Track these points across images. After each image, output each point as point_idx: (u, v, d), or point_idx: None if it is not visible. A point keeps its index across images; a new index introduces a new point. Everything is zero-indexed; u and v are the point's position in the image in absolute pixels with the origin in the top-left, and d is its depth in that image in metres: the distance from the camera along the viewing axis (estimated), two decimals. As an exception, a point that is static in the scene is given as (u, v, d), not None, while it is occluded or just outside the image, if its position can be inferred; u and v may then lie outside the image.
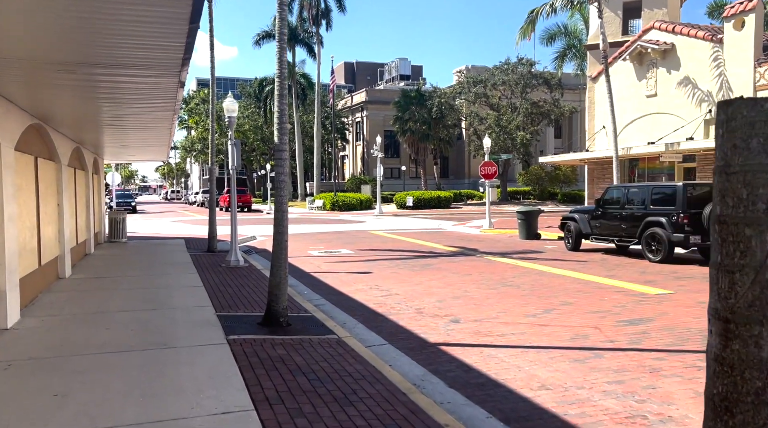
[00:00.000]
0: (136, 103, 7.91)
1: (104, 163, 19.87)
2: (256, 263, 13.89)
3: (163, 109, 8.18)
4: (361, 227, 27.26)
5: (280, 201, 7.45)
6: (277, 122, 7.31)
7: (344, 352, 6.29)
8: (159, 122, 9.63)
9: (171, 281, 10.72)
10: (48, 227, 9.94)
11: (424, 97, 51.19)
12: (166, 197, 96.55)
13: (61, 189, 10.87)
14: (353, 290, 10.59)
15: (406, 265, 13.75)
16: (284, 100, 7.33)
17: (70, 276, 11.19)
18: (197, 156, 78.63)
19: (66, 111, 8.34)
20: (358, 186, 54.96)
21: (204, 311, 8.09)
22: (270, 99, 59.93)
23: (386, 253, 16.37)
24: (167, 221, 33.57)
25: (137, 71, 5.64)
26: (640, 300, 9.23)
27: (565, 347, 6.76)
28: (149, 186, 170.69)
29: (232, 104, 13.06)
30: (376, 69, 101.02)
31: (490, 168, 23.53)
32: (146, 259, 14.31)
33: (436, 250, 16.93)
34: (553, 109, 48.87)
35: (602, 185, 24.85)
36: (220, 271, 12.37)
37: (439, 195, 44.68)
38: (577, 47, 30.69)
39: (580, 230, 16.03)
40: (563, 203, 48.01)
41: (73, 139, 12.00)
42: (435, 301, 9.47)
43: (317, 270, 13.23)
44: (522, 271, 12.53)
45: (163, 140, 13.33)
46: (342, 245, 18.72)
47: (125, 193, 50.68)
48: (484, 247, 17.43)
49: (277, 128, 7.32)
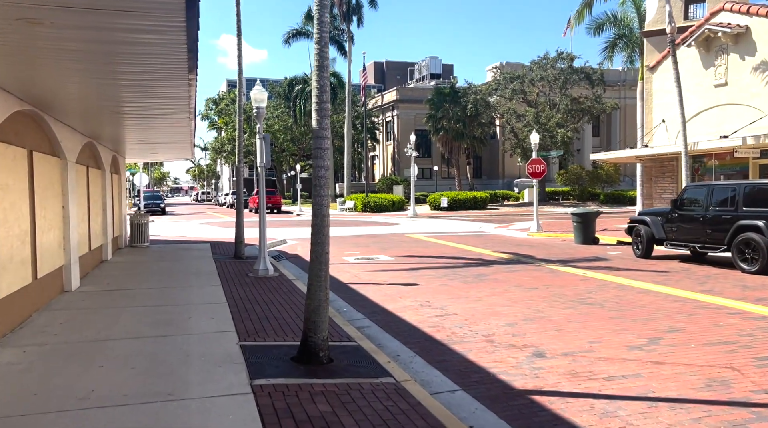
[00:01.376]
0: (141, 80, 6.42)
1: (126, 162, 18.66)
2: (286, 272, 12.37)
3: (174, 90, 6.67)
4: (396, 229, 25.63)
5: (319, 203, 5.85)
6: (317, 101, 5.71)
7: (408, 407, 4.65)
8: (173, 109, 8.15)
9: (191, 296, 9.25)
10: (48, 234, 8.56)
11: (458, 95, 49.22)
12: (196, 199, 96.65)
13: (66, 189, 9.50)
14: (401, 308, 8.95)
15: (456, 275, 12.05)
16: (325, 73, 5.73)
17: (78, 289, 9.81)
18: (227, 157, 78.27)
19: (61, 92, 6.91)
20: (390, 187, 53.35)
21: (225, 339, 6.54)
22: (300, 98, 58.88)
23: (430, 260, 14.68)
24: (195, 223, 32.50)
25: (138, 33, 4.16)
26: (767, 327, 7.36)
27: (705, 400, 4.98)
28: (181, 188, 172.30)
29: (260, 93, 11.56)
30: (405, 68, 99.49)
31: (539, 166, 21.62)
32: (167, 267, 12.92)
33: (486, 257, 15.16)
34: (594, 105, 46.46)
35: (661, 184, 22.69)
36: (247, 282, 10.88)
37: (474, 196, 42.73)
38: (628, 37, 28.45)
39: (653, 234, 14.07)
40: (606, 204, 45.61)
41: (82, 132, 10.65)
42: (504, 324, 7.75)
43: (355, 280, 11.64)
44: (597, 284, 10.70)
45: (183, 135, 11.91)
46: (379, 250, 17.11)
47: (154, 194, 49.97)
48: (539, 253, 15.59)
49: (317, 110, 5.73)
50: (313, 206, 5.89)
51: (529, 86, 46.53)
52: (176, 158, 18.96)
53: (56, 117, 8.66)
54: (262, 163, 11.60)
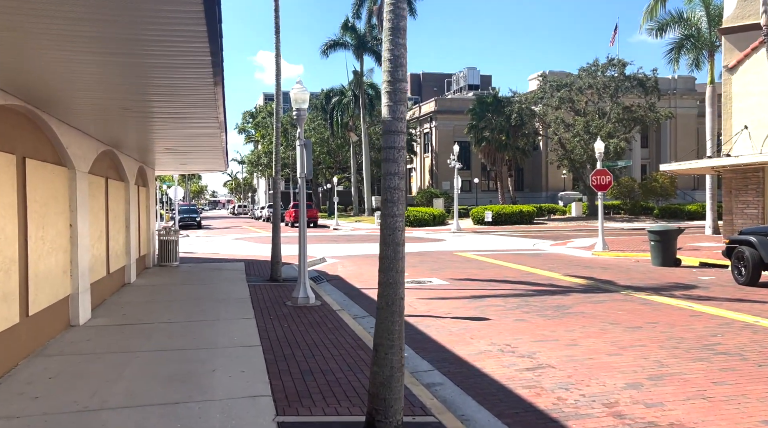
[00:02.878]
0: (161, 77, 4.84)
1: (156, 173, 17.37)
2: (329, 299, 10.67)
3: (200, 88, 5.07)
4: (442, 246, 23.73)
5: (391, 225, 4.09)
6: (389, 80, 3.99)
7: None
8: (197, 104, 6.56)
9: (218, 335, 7.60)
10: (48, 259, 7.05)
11: (502, 104, 47.10)
12: (233, 212, 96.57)
13: (75, 204, 8.03)
14: (476, 354, 7.10)
15: (530, 307, 10.12)
16: (401, 39, 4.02)
17: (87, 323, 8.28)
18: (263, 170, 77.73)
19: (63, 83, 5.38)
20: (429, 200, 51.42)
21: (257, 409, 4.82)
22: (337, 110, 57.63)
23: (492, 286, 12.76)
24: (229, 238, 31.25)
25: None
26: None
27: None
28: (218, 201, 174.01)
29: (301, 93, 9.95)
30: (442, 80, 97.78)
31: (605, 177, 19.49)
32: (194, 292, 11.38)
33: (557, 282, 13.16)
34: (647, 114, 43.77)
35: (743, 198, 20.22)
36: (285, 314, 9.20)
37: (520, 210, 40.43)
38: (696, 37, 26.03)
39: (761, 258, 11.85)
40: (662, 218, 42.68)
41: (98, 138, 9.20)
42: (625, 386, 5.82)
43: (410, 312, 9.85)
44: (715, 322, 8.62)
45: (213, 142, 10.38)
46: (430, 271, 15.27)
47: (190, 207, 49.17)
48: (619, 278, 13.49)
49: (389, 92, 4.00)
50: (383, 228, 4.15)
51: (577, 95, 44.18)
52: (208, 169, 17.58)
53: (59, 118, 7.18)
54: (302, 173, 9.95)
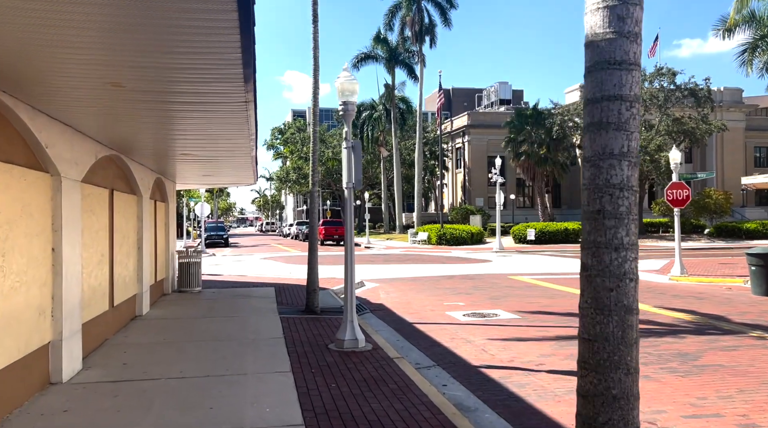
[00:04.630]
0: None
1: (177, 187, 15.55)
2: (380, 340, 8.55)
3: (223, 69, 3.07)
4: (490, 268, 21.44)
5: (615, 270, 1.97)
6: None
7: None
8: (223, 104, 4.58)
9: (243, 402, 5.53)
10: (10, 299, 5.10)
11: (543, 116, 44.75)
12: (261, 229, 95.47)
13: (60, 222, 6.10)
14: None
15: (644, 355, 7.84)
16: None
17: (73, 378, 6.29)
18: (292, 187, 76.38)
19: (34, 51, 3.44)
20: (465, 217, 49.10)
21: None
22: (367, 125, 55.95)
23: (574, 321, 10.42)
24: (257, 258, 29.42)
25: None
26: None
27: None
28: (246, 218, 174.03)
29: (349, 83, 7.93)
30: (473, 95, 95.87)
31: (682, 192, 17.03)
32: (216, 328, 9.37)
33: (652, 316, 10.79)
34: (699, 125, 40.90)
35: None
36: (331, 364, 7.10)
37: (565, 227, 37.82)
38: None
39: None
40: (718, 237, 39.65)
41: (95, 138, 7.30)
42: None
43: (487, 361, 7.71)
44: None
45: (243, 151, 8.43)
46: (489, 300, 13.04)
47: (218, 225, 47.71)
48: (727, 312, 11.06)
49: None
50: (590, 278, 2.67)
51: (624, 105, 41.55)
52: (236, 182, 15.72)
53: (33, 104, 5.27)
54: (350, 182, 7.89)
